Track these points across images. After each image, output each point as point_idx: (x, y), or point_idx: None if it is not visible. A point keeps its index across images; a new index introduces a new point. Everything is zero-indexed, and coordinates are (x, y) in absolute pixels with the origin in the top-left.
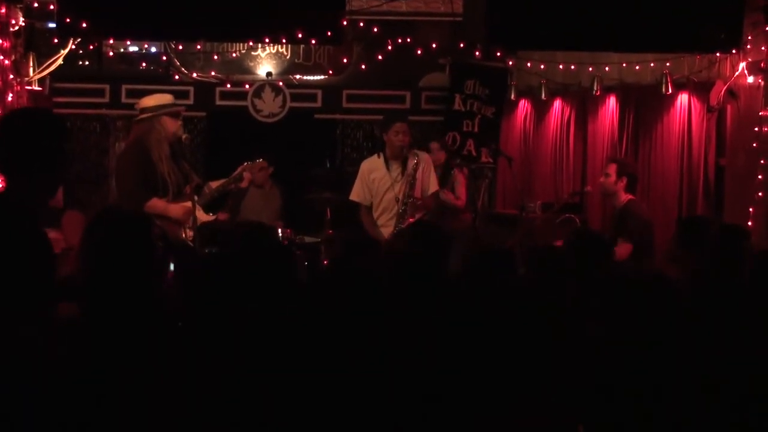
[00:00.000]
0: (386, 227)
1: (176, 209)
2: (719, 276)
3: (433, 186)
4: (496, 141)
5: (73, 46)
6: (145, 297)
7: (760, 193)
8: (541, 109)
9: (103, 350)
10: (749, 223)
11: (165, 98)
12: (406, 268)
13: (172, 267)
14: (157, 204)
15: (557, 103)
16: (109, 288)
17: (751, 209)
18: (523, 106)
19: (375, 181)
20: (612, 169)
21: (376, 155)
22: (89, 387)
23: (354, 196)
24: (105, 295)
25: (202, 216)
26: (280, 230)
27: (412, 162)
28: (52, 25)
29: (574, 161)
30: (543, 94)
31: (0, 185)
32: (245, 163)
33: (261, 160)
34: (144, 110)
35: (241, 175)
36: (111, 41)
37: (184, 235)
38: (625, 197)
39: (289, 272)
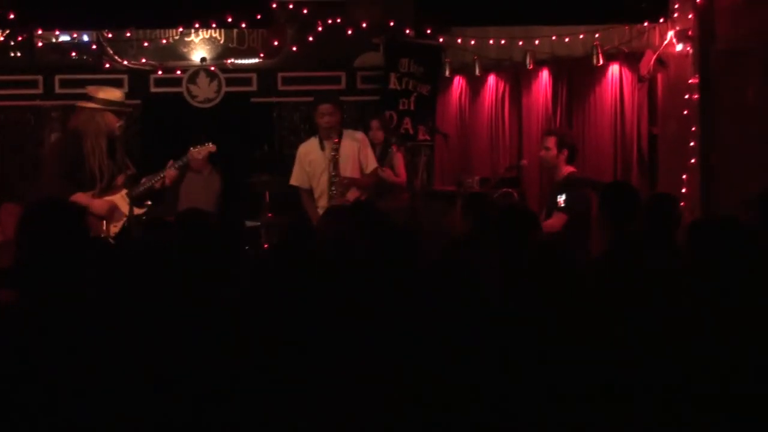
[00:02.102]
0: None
1: (99, 204)
2: (649, 244)
3: (371, 164)
4: (432, 118)
5: (2, 38)
6: (77, 283)
7: (692, 160)
8: (475, 85)
9: (38, 333)
10: (683, 190)
11: (115, 94)
12: (341, 249)
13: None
14: (80, 198)
15: (491, 79)
16: (43, 274)
17: (684, 176)
18: (458, 82)
19: (311, 163)
20: (551, 142)
21: (313, 138)
22: (23, 369)
23: (293, 180)
24: (39, 281)
25: (132, 209)
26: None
27: (348, 145)
28: None
29: (510, 136)
30: (477, 70)
31: None
32: (189, 149)
33: (210, 144)
34: (90, 99)
35: (163, 175)
36: (40, 31)
37: (105, 231)
38: (565, 169)
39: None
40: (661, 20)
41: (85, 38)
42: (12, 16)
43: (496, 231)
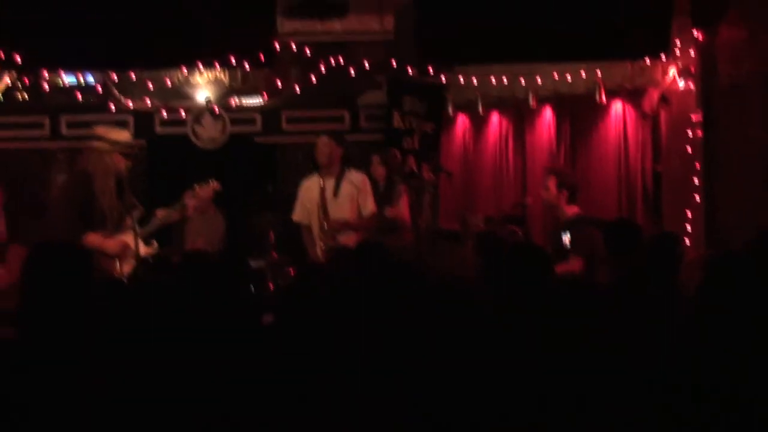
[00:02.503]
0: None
1: (112, 244)
2: (650, 281)
3: (369, 208)
4: (436, 157)
5: (9, 83)
6: (80, 325)
7: (696, 197)
8: (479, 123)
9: (34, 373)
10: (687, 227)
11: (123, 135)
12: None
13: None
14: (93, 239)
15: (495, 117)
16: (45, 316)
17: (688, 213)
18: (462, 120)
19: (310, 201)
20: (551, 182)
21: (316, 175)
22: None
23: (295, 216)
24: (42, 322)
25: (142, 248)
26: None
27: (349, 187)
28: None
29: (514, 173)
30: (480, 108)
31: None
32: (192, 189)
33: (213, 182)
34: (101, 139)
35: (185, 204)
36: (46, 73)
37: (120, 270)
38: (569, 210)
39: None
40: (663, 57)
41: (91, 80)
42: (18, 59)
43: (509, 269)
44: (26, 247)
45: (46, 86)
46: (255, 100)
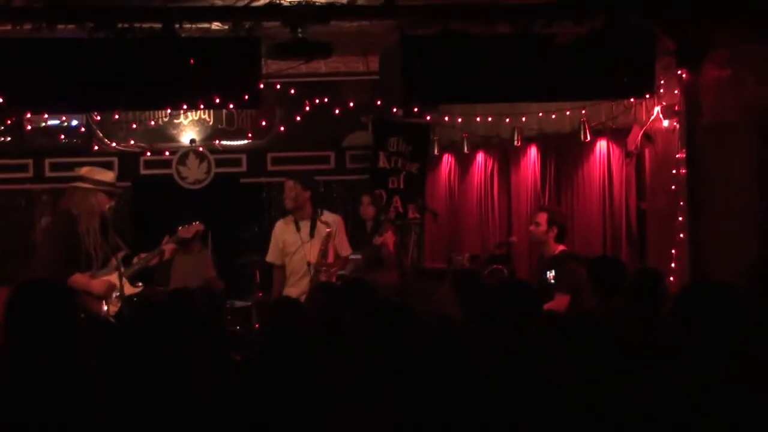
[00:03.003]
0: (295, 287)
1: (98, 285)
2: (636, 317)
3: (344, 249)
4: (422, 196)
5: None
6: (65, 364)
7: (681, 235)
8: (464, 163)
9: (23, 413)
10: (672, 265)
11: (106, 174)
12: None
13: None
14: (79, 279)
15: (480, 156)
16: (29, 353)
17: (673, 251)
18: (447, 160)
19: (285, 242)
20: (542, 218)
21: (289, 216)
22: None
23: (269, 257)
24: (26, 361)
25: (128, 288)
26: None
27: (324, 228)
28: None
29: (499, 212)
30: (465, 148)
31: None
32: (175, 231)
33: (197, 222)
34: (82, 179)
35: (162, 250)
36: (29, 115)
37: (105, 310)
38: (556, 247)
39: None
40: (647, 96)
41: (74, 122)
42: (1, 100)
43: (495, 307)
44: (9, 288)
45: (28, 127)
46: (240, 141)
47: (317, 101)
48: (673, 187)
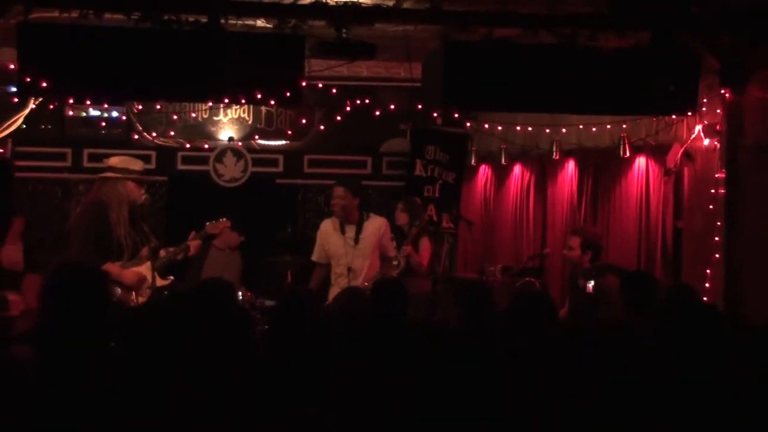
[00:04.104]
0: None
1: (129, 275)
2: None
3: (390, 252)
4: (457, 206)
5: (34, 106)
6: (97, 344)
7: (717, 255)
8: (501, 174)
9: (55, 390)
10: (706, 285)
11: (135, 163)
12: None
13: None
14: (110, 269)
15: (517, 168)
16: (62, 336)
17: (708, 271)
18: (484, 170)
19: (330, 244)
20: (575, 242)
21: (333, 218)
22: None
23: (314, 257)
24: (58, 342)
25: (158, 280)
26: (240, 293)
27: (367, 229)
28: (12, 89)
29: (534, 225)
30: (503, 159)
31: None
32: (203, 227)
33: (224, 219)
34: (111, 169)
35: (188, 245)
36: (71, 101)
37: (135, 301)
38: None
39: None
40: (689, 114)
41: (115, 113)
42: (44, 85)
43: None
44: (42, 276)
45: (70, 112)
46: (278, 142)
47: (358, 102)
48: (710, 206)
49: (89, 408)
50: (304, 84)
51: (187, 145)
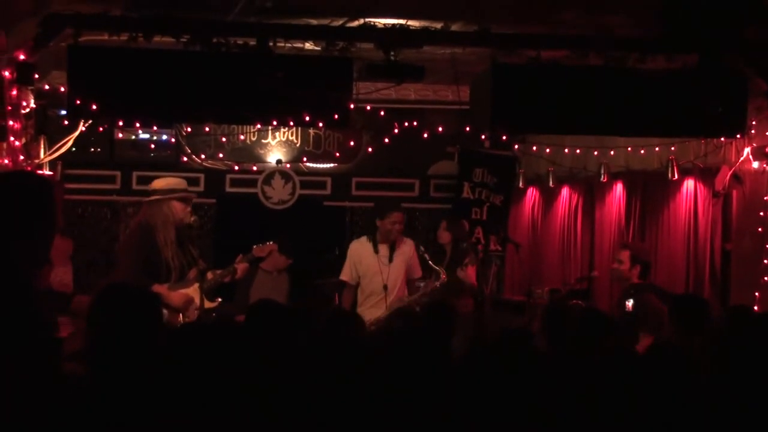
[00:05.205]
0: (375, 308)
1: (177, 297)
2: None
3: (417, 272)
4: (504, 228)
5: (84, 129)
6: (145, 362)
7: (766, 278)
8: (549, 197)
9: (105, 406)
10: (755, 308)
11: (177, 183)
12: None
13: None
14: (158, 290)
15: (565, 191)
16: (113, 354)
17: (757, 294)
18: (532, 193)
19: (363, 264)
20: (625, 255)
21: (365, 238)
22: None
23: (344, 275)
24: (109, 360)
25: (206, 302)
26: None
27: (400, 250)
28: (63, 112)
29: (581, 247)
30: (551, 182)
31: None
32: (249, 251)
33: (271, 242)
34: (155, 192)
35: (235, 268)
36: (120, 124)
37: (182, 322)
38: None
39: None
40: (738, 136)
41: (164, 137)
42: (94, 107)
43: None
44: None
45: (119, 135)
46: (326, 165)
47: (406, 125)
48: (759, 229)
49: (139, 425)
50: (352, 106)
51: (236, 168)
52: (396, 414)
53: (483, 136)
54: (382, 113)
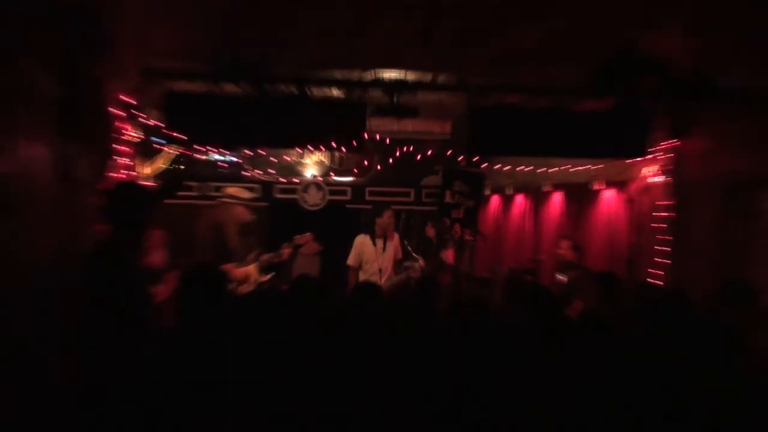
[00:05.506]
0: None
1: (239, 273)
2: (634, 316)
3: (398, 254)
4: (475, 224)
5: (174, 152)
6: (217, 317)
7: (665, 261)
8: (507, 202)
9: (191, 348)
10: (657, 282)
11: (244, 193)
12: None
13: None
14: (226, 268)
15: (519, 197)
16: (197, 311)
17: (659, 272)
18: (495, 199)
19: (365, 253)
20: (566, 244)
21: (364, 234)
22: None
23: (350, 261)
24: (195, 314)
25: (261, 277)
26: None
27: (390, 243)
28: (159, 139)
29: (531, 238)
30: (510, 191)
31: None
32: (292, 239)
33: (309, 234)
34: (228, 197)
35: (281, 252)
36: (200, 148)
37: (242, 292)
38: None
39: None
40: (645, 157)
41: (231, 158)
42: (182, 138)
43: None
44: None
45: (199, 156)
46: (347, 178)
47: (405, 149)
48: (662, 226)
49: (214, 360)
50: (366, 136)
51: (282, 180)
52: (406, 344)
53: (460, 158)
54: (387, 141)
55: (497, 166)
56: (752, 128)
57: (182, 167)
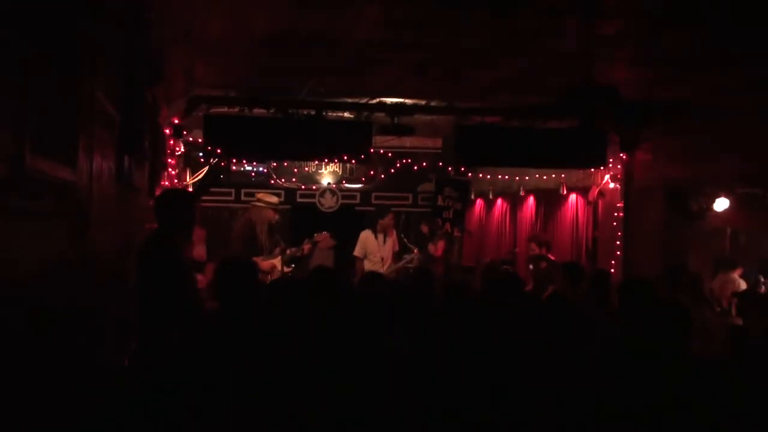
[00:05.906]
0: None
1: (266, 264)
2: (594, 303)
3: (395, 247)
4: (462, 223)
5: (212, 164)
6: (250, 301)
7: (618, 252)
8: (489, 204)
9: (230, 327)
10: (612, 271)
11: (273, 199)
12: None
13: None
14: (256, 260)
15: (499, 201)
16: (232, 297)
17: (613, 261)
18: (479, 202)
19: (369, 245)
20: (534, 245)
21: (369, 230)
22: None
23: (357, 253)
24: (231, 300)
25: (284, 268)
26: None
27: (389, 239)
28: (200, 154)
29: (509, 234)
30: (490, 195)
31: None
32: (312, 237)
33: (325, 232)
34: (259, 200)
35: (302, 247)
36: (234, 160)
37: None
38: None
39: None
40: (602, 168)
41: (260, 168)
42: (219, 151)
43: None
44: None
45: (233, 167)
46: (356, 185)
47: (404, 161)
48: (615, 223)
49: (249, 338)
50: (371, 150)
51: (303, 187)
52: (409, 323)
53: (450, 169)
54: (390, 155)
55: (480, 175)
56: (687, 142)
57: (220, 176)
